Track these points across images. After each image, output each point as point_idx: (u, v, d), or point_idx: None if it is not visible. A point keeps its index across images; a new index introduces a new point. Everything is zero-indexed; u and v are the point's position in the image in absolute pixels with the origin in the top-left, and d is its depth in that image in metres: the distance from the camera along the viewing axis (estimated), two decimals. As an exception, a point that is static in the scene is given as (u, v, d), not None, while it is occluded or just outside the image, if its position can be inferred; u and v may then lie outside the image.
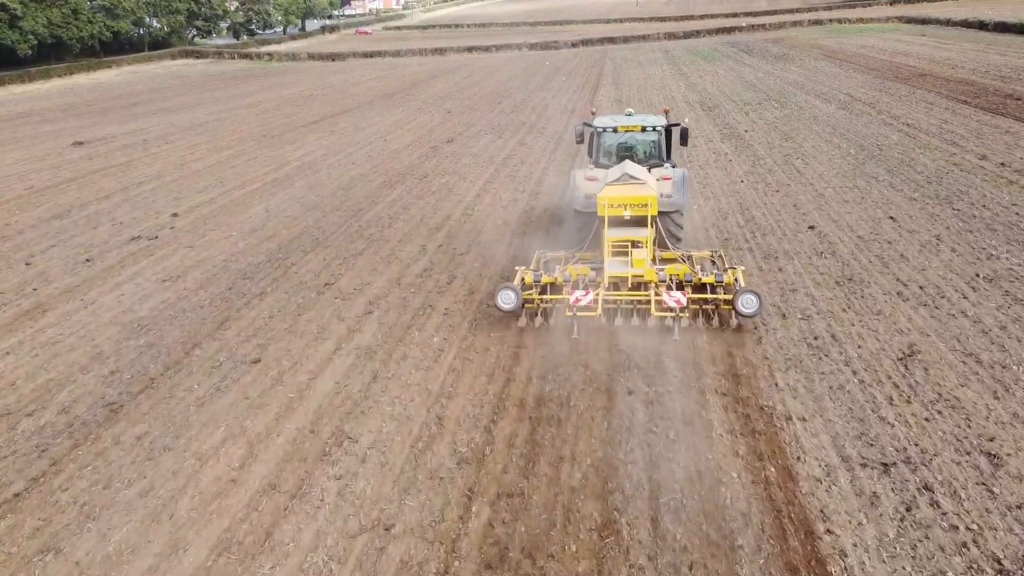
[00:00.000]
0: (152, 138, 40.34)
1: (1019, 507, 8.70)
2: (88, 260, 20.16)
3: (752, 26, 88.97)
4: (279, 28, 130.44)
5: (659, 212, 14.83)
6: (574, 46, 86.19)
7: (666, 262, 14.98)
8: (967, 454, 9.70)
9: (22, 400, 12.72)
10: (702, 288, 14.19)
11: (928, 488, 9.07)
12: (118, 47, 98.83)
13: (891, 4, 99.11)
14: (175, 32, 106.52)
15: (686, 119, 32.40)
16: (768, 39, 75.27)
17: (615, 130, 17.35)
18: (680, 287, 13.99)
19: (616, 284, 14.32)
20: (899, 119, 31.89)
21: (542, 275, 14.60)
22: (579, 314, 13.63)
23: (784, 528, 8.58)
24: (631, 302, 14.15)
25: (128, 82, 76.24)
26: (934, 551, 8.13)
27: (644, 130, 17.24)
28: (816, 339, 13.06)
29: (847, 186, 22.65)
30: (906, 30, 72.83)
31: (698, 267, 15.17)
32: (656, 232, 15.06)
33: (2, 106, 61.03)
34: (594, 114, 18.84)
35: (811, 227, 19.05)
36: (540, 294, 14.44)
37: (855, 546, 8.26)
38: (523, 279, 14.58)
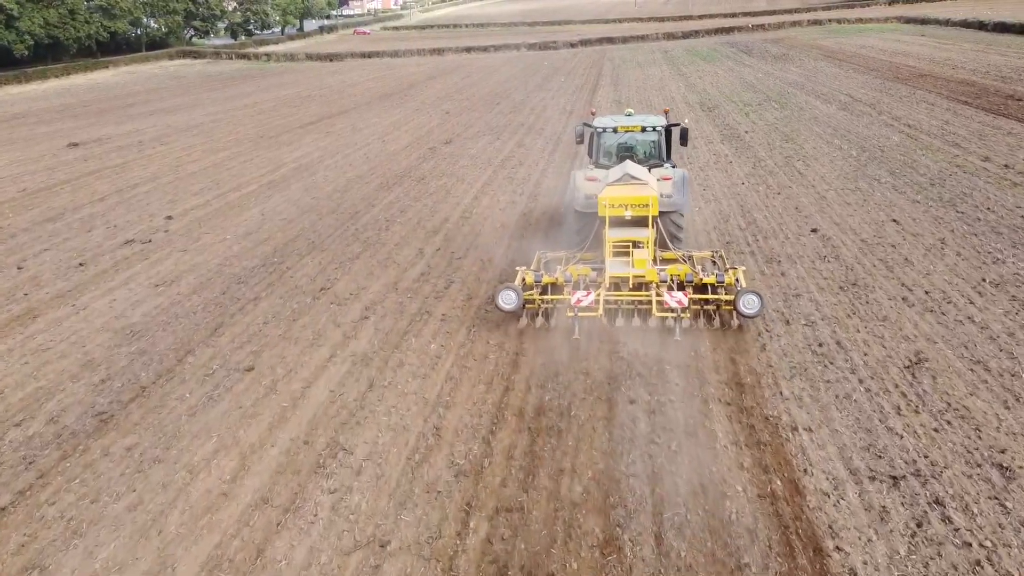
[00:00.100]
0: (148, 139, 40.03)
1: (1033, 522, 8.45)
2: (81, 264, 19.87)
3: (752, 26, 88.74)
4: (277, 28, 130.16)
5: (659, 212, 14.74)
6: (572, 46, 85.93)
7: (667, 262, 14.95)
8: (978, 466, 9.44)
9: (10, 410, 12.42)
10: (703, 288, 14.10)
11: (939, 502, 8.81)
12: (115, 47, 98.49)
13: (890, 4, 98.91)
14: (172, 32, 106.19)
15: (686, 120, 32.12)
16: (767, 39, 75.02)
17: (615, 130, 17.27)
18: (681, 287, 13.92)
19: (617, 284, 14.25)
20: (900, 120, 31.65)
21: (543, 275, 14.53)
22: (580, 315, 13.53)
23: (792, 545, 8.31)
24: (632, 302, 14.10)
25: (125, 83, 75.89)
26: (947, 569, 7.87)
27: (644, 130, 17.19)
28: (821, 346, 12.81)
29: (849, 188, 22.40)
30: (905, 30, 72.63)
31: (699, 267, 15.05)
32: (656, 232, 14.92)
33: (-2, 107, 60.70)
34: (594, 114, 18.71)
35: (814, 230, 18.79)
36: (541, 294, 14.37)
37: (865, 564, 8.00)
38: (524, 279, 14.51)
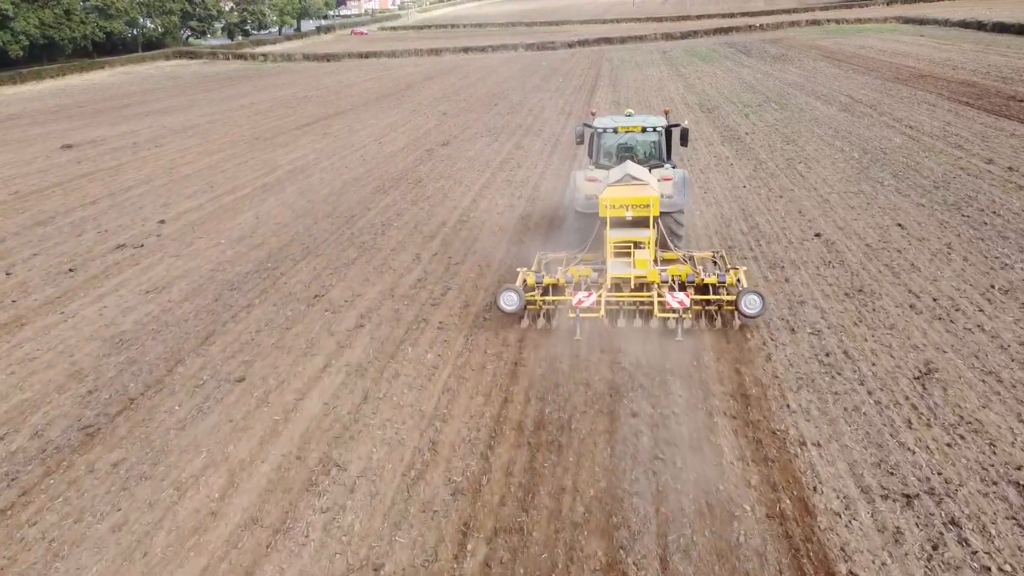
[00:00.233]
0: (142, 141, 39.61)
1: (1053, 544, 8.12)
2: (71, 270, 19.49)
3: (750, 26, 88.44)
4: (274, 28, 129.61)
5: (660, 212, 14.57)
6: (571, 47, 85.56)
7: (668, 263, 14.88)
8: (994, 484, 9.12)
9: (-7, 423, 12.07)
10: (704, 289, 13.96)
11: (955, 523, 8.49)
12: (111, 48, 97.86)
13: (888, 4, 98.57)
14: (169, 32, 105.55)
15: (686, 120, 31.76)
16: (766, 40, 74.69)
17: (615, 131, 17.15)
18: (683, 288, 13.77)
19: (618, 285, 14.14)
20: (901, 121, 31.33)
21: (544, 276, 14.41)
22: (582, 315, 13.40)
23: (803, 569, 7.98)
24: (634, 303, 13.98)
25: (121, 83, 75.37)
26: (965, 595, 7.56)
27: (644, 131, 17.09)
28: (828, 356, 12.48)
29: (852, 191, 22.08)
30: (904, 30, 72.34)
31: (700, 267, 14.87)
32: (657, 232, 14.72)
33: (-8, 108, 60.21)
34: (594, 115, 18.56)
35: (817, 235, 18.47)
36: (542, 295, 14.26)
37: (880, 589, 7.68)
38: (525, 280, 14.39)
